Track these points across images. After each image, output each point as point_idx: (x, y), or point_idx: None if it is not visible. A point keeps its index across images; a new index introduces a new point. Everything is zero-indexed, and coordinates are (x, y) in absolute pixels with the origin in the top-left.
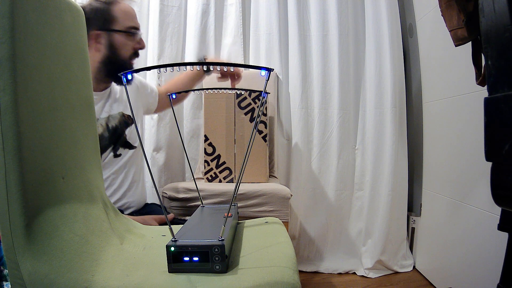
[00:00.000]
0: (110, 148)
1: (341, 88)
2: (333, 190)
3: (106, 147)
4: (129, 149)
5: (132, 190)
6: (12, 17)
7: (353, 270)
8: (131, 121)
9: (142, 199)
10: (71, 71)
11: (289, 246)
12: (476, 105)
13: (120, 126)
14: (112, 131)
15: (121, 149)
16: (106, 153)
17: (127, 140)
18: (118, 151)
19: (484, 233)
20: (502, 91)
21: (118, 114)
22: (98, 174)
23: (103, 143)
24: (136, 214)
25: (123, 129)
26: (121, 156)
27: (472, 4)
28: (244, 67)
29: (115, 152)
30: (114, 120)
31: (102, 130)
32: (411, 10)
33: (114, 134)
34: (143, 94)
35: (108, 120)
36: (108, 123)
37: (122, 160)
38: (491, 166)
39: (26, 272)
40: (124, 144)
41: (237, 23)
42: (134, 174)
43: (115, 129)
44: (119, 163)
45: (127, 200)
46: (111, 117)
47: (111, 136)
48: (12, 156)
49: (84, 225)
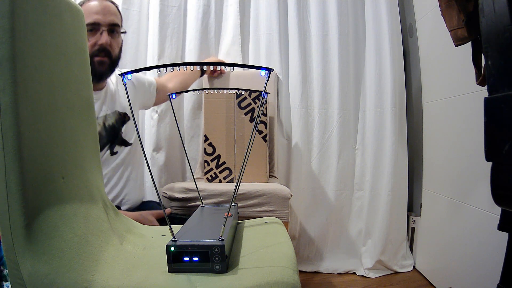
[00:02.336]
0: (107, 146)
1: (341, 88)
2: (333, 190)
3: (103, 146)
4: (125, 147)
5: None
6: (12, 17)
7: (353, 270)
8: (127, 118)
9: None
10: (71, 71)
11: (289, 246)
12: (476, 105)
13: (117, 125)
14: (109, 129)
15: (117, 147)
16: (103, 151)
17: (123, 138)
18: (115, 149)
19: (484, 233)
20: (502, 91)
21: (114, 112)
22: (98, 174)
23: (101, 142)
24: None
25: (119, 127)
26: (118, 154)
27: (472, 4)
28: (244, 67)
29: (112, 150)
30: (110, 118)
31: (99, 129)
32: (411, 10)
33: (111, 132)
34: (141, 91)
35: (105, 119)
36: (105, 122)
37: (119, 158)
38: (491, 166)
39: (26, 272)
40: (121, 141)
41: (237, 23)
42: (131, 172)
43: (112, 128)
44: (115, 160)
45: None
46: (108, 116)
47: (108, 134)
48: (12, 156)
49: (84, 225)
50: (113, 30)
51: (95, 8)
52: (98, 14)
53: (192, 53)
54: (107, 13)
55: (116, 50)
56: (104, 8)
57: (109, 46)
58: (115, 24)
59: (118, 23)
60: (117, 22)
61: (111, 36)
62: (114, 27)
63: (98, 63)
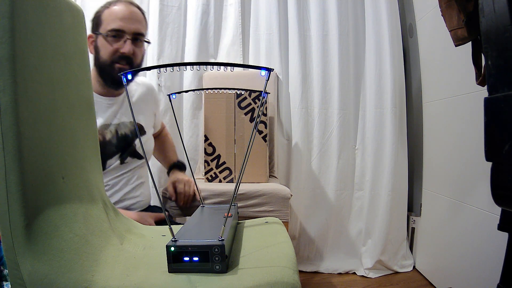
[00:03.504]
0: (117, 155)
1: (341, 88)
2: (333, 190)
3: (113, 154)
4: (138, 159)
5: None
6: (12, 17)
7: (353, 270)
8: (143, 132)
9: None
10: (71, 71)
11: (289, 246)
12: (476, 105)
13: (130, 135)
14: (121, 138)
15: (129, 158)
16: (113, 160)
17: (136, 150)
18: (126, 159)
19: (484, 233)
20: (502, 91)
21: (130, 122)
22: (98, 174)
23: (110, 150)
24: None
25: (133, 138)
26: (128, 164)
27: (472, 4)
28: (244, 67)
29: (122, 161)
30: (124, 127)
31: (110, 136)
32: (411, 10)
33: (123, 142)
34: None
35: (119, 127)
36: (118, 130)
37: (128, 168)
38: (491, 166)
39: (26, 272)
40: (133, 153)
41: (236, 23)
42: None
43: (125, 137)
44: (124, 169)
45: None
46: (122, 125)
47: (119, 143)
48: (12, 156)
49: (84, 225)
50: (137, 39)
51: (121, 14)
52: (123, 21)
53: (191, 52)
54: (133, 21)
55: (139, 59)
56: (131, 14)
57: (131, 55)
58: (140, 33)
59: (143, 32)
60: (142, 31)
61: (134, 45)
62: (139, 36)
63: (118, 70)
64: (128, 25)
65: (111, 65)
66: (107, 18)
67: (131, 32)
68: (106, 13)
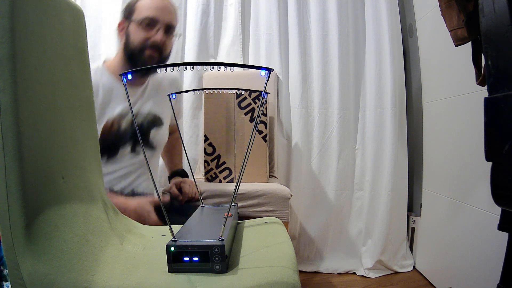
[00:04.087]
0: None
1: (341, 88)
2: (333, 190)
3: (125, 143)
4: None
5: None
6: (12, 17)
7: (353, 270)
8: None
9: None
10: (71, 71)
11: (289, 246)
12: (476, 105)
13: (146, 126)
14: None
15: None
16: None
17: (150, 140)
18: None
19: (484, 233)
20: (502, 91)
21: (148, 113)
22: (98, 174)
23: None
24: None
25: (148, 129)
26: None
27: (472, 4)
28: (244, 67)
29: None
30: (141, 117)
31: (126, 125)
32: (411, 10)
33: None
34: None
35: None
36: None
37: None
38: (491, 166)
39: (26, 272)
40: (145, 143)
41: (236, 23)
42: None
43: (140, 127)
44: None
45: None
46: (139, 115)
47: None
48: (12, 156)
49: (84, 225)
50: (168, 31)
51: (156, 4)
52: (158, 10)
53: (191, 52)
54: (167, 12)
55: (168, 50)
56: (165, 6)
57: (162, 45)
58: (172, 25)
59: (175, 25)
60: (174, 24)
61: (166, 36)
62: (170, 28)
63: (148, 57)
64: (162, 15)
65: (141, 51)
66: (141, 6)
67: (164, 23)
68: (141, 2)
